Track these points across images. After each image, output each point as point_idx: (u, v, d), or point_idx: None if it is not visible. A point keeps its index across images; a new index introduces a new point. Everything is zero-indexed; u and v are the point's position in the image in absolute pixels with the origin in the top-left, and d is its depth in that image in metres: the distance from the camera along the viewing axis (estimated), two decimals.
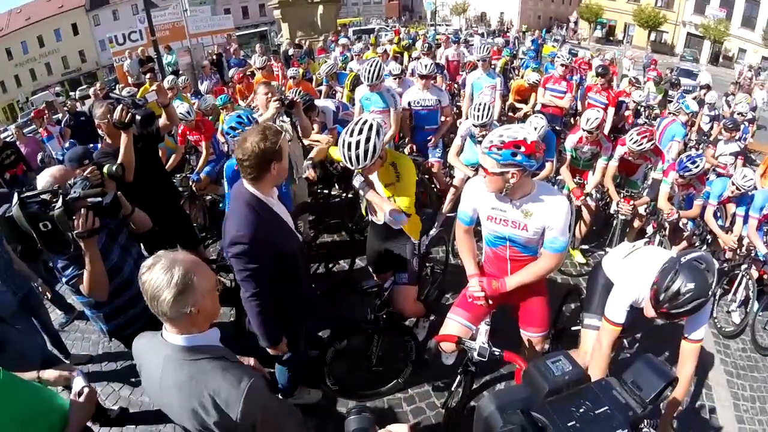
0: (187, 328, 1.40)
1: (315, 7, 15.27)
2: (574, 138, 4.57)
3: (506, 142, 2.04)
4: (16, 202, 1.98)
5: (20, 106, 34.81)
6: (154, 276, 1.31)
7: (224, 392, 1.36)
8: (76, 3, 44.05)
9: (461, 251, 2.63)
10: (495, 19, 49.78)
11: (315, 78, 8.43)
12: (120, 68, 12.39)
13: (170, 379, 1.40)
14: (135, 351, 1.58)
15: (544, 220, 2.22)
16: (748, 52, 36.58)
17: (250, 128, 2.12)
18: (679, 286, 1.92)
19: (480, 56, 6.12)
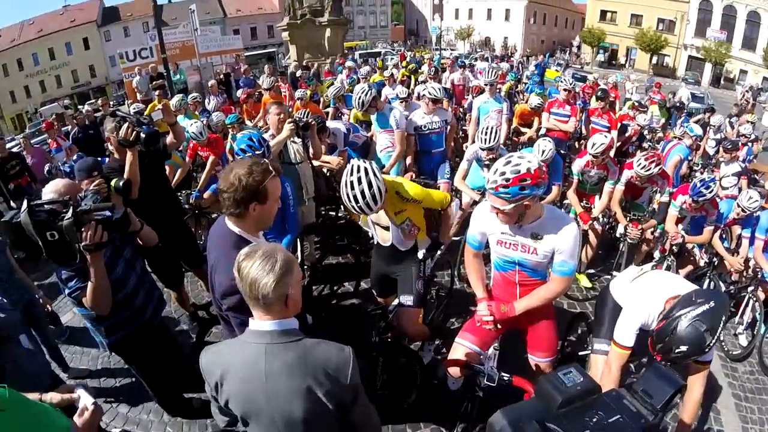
0: (281, 313, 1.47)
1: (323, 29, 15.60)
2: (581, 162, 4.59)
3: (511, 179, 2.05)
4: (25, 209, 1.98)
5: (29, 117, 35.36)
6: (256, 262, 1.40)
7: (334, 358, 1.49)
8: (88, 18, 45.03)
9: (470, 275, 2.63)
10: (499, 43, 50.57)
11: (322, 100, 8.55)
12: (129, 84, 12.64)
13: (277, 365, 1.44)
14: (209, 365, 1.55)
15: (554, 243, 2.23)
16: (749, 73, 36.98)
17: (240, 159, 2.02)
18: (672, 346, 1.91)
19: (487, 81, 6.20)
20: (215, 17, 44.03)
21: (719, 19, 38.65)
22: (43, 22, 44.42)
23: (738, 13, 37.72)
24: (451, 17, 55.41)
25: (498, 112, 5.99)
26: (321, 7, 15.65)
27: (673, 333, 1.89)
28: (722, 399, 3.65)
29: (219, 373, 1.51)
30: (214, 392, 1.54)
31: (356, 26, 53.16)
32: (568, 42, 49.25)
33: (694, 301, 1.92)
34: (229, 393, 1.49)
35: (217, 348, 1.61)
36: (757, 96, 24.61)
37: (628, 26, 43.68)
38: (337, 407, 1.49)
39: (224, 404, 1.53)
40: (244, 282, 1.42)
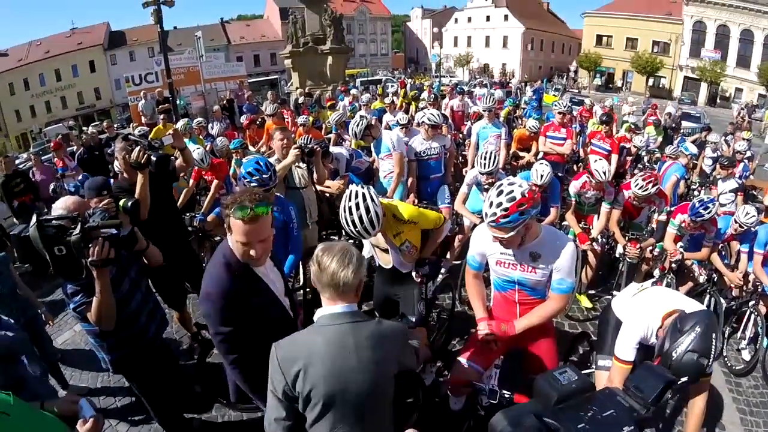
0: (353, 298, 1.69)
1: (324, 57, 15.92)
2: (577, 184, 4.67)
3: (509, 207, 2.11)
4: (34, 223, 2.03)
5: (33, 136, 35.52)
6: (336, 256, 1.63)
7: (399, 330, 1.80)
8: (94, 41, 45.90)
9: (471, 296, 2.67)
10: (497, 70, 51.39)
11: (324, 126, 8.72)
12: (135, 107, 12.88)
13: (363, 338, 1.63)
14: (288, 356, 1.62)
15: (552, 262, 2.29)
16: (744, 90, 37.51)
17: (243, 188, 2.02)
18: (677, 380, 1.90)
19: (485, 107, 6.37)
20: (219, 44, 44.97)
21: (713, 39, 39.51)
22: (51, 43, 45.37)
23: (731, 32, 38.52)
24: (450, 45, 56.66)
25: (497, 137, 6.13)
26: (323, 35, 16.00)
27: (672, 367, 1.90)
28: (727, 414, 3.65)
29: (302, 361, 1.58)
30: (291, 384, 1.59)
31: (357, 54, 54.19)
32: (566, 67, 50.15)
33: (681, 330, 1.95)
34: (315, 378, 1.56)
35: (291, 339, 1.69)
36: (752, 113, 25.02)
37: (623, 50, 44.60)
38: (403, 364, 1.79)
39: (306, 392, 1.58)
40: (324, 272, 1.63)
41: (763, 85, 36.40)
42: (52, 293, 5.13)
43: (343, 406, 1.62)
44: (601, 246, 4.73)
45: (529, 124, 7.16)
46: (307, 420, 1.65)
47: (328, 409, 1.61)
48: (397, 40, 69.52)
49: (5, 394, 1.67)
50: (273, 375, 1.64)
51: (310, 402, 1.60)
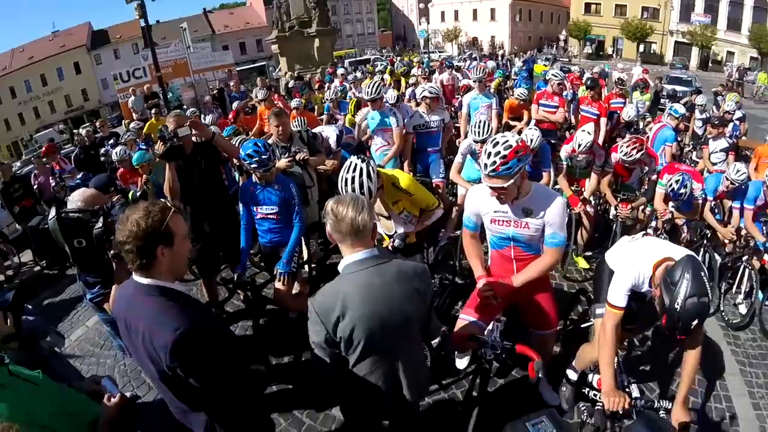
0: (370, 242, 1.82)
1: (311, 40, 15.84)
2: (567, 148, 4.77)
3: (507, 154, 2.20)
4: (53, 216, 2.10)
5: (24, 144, 35.24)
6: (350, 205, 1.75)
7: (420, 267, 1.94)
8: (77, 42, 45.11)
9: (469, 256, 2.78)
10: (486, 42, 50.77)
11: (316, 108, 8.77)
12: (125, 105, 12.87)
13: (387, 278, 1.78)
14: (325, 305, 1.75)
15: (543, 216, 2.41)
16: (736, 54, 37.21)
17: (133, 205, 1.76)
18: (687, 325, 2.01)
19: (476, 77, 6.44)
20: (204, 35, 44.17)
21: (702, 3, 39.06)
22: (34, 48, 44.63)
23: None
24: (437, 20, 55.71)
25: (488, 107, 6.19)
26: (308, 18, 15.91)
27: (681, 318, 1.99)
28: (727, 366, 3.77)
29: (339, 306, 1.72)
30: (332, 332, 1.75)
31: (344, 35, 53.43)
32: (555, 37, 49.54)
33: (673, 282, 2.03)
34: (354, 318, 1.72)
35: (323, 292, 1.81)
36: (743, 75, 24.94)
37: (612, 17, 44.05)
38: (428, 306, 1.94)
39: (347, 335, 1.74)
40: (341, 221, 1.74)
41: (754, 48, 36.16)
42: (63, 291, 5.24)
43: (380, 342, 1.78)
44: (594, 208, 4.85)
45: (518, 92, 7.22)
46: (350, 362, 1.82)
47: (367, 347, 1.77)
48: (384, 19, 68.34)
49: (34, 373, 1.79)
50: (313, 327, 1.78)
51: (352, 343, 1.76)
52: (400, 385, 1.90)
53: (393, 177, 2.93)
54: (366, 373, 1.83)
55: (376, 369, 1.83)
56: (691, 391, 3.18)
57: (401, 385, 1.90)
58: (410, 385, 1.91)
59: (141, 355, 1.65)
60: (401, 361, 1.87)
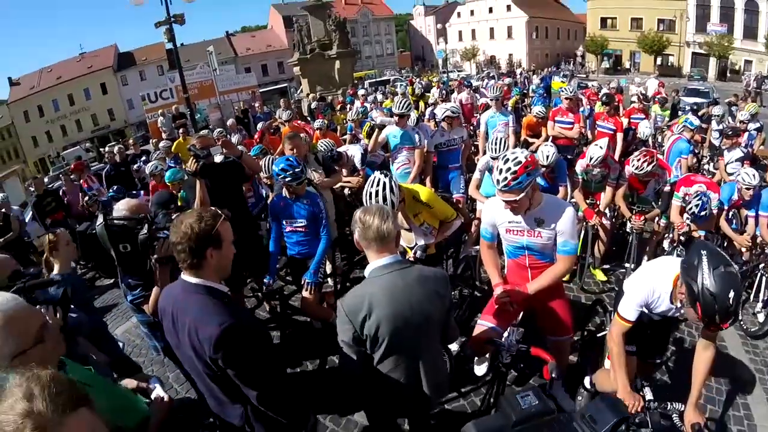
0: (394, 249, 2.01)
1: (332, 62, 16.27)
2: (583, 163, 4.89)
3: (518, 170, 2.37)
4: (101, 223, 2.33)
5: (51, 161, 36.33)
6: (376, 214, 1.95)
7: (440, 272, 2.16)
8: (104, 64, 46.86)
9: (486, 264, 2.95)
10: (504, 60, 51.05)
11: (338, 128, 9.07)
12: (153, 124, 13.48)
13: (410, 280, 1.95)
14: (354, 305, 1.92)
15: (554, 225, 2.57)
16: (753, 62, 36.72)
17: (187, 211, 1.99)
18: (728, 307, 1.90)
19: (493, 96, 6.68)
20: (226, 57, 45.53)
21: (718, 13, 38.76)
22: (61, 69, 46.58)
23: (736, 3, 37.73)
24: (455, 40, 56.54)
25: (505, 124, 6.42)
26: (329, 40, 16.37)
27: (715, 297, 1.89)
28: (745, 375, 3.77)
29: (366, 306, 1.89)
30: (360, 330, 1.91)
31: (364, 56, 54.35)
32: (573, 53, 49.62)
33: (693, 265, 1.98)
34: (379, 317, 1.88)
35: (352, 294, 1.99)
36: (761, 84, 24.62)
37: (629, 30, 44.14)
38: (447, 309, 2.09)
39: (373, 333, 1.90)
40: (368, 228, 1.93)
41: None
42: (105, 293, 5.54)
43: (403, 339, 1.94)
44: (610, 220, 4.95)
45: (536, 110, 7.39)
46: (375, 359, 1.99)
47: (391, 345, 1.93)
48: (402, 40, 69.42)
49: (86, 369, 1.88)
50: (342, 326, 1.95)
51: (377, 341, 1.92)
52: (420, 381, 2.05)
53: (413, 191, 3.17)
54: (390, 369, 1.99)
55: (399, 365, 1.99)
56: (708, 398, 3.27)
57: (422, 382, 2.05)
58: (430, 383, 2.06)
59: (185, 348, 1.80)
60: (422, 359, 2.03)
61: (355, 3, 58.74)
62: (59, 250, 3.01)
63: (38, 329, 1.46)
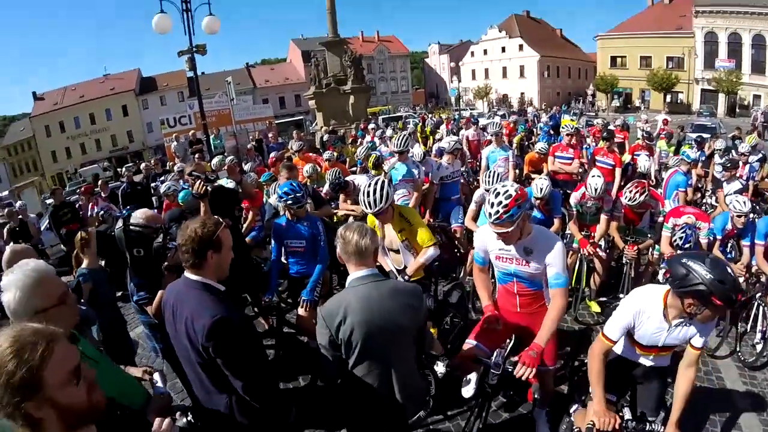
0: (371, 263, 2.21)
1: (347, 97, 16.67)
2: (577, 195, 5.06)
3: (509, 203, 2.46)
4: (121, 226, 2.60)
5: (68, 177, 37.11)
6: (356, 230, 2.18)
7: (414, 288, 2.32)
8: (127, 87, 48.71)
9: (478, 287, 3.07)
10: (516, 99, 51.81)
11: (348, 160, 9.41)
12: (169, 148, 13.96)
13: (384, 292, 2.14)
14: (331, 310, 2.10)
15: (543, 256, 2.66)
16: (762, 96, 36.92)
17: (193, 218, 2.23)
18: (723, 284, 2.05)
19: (493, 132, 6.98)
20: (245, 88, 46.93)
21: (726, 49, 39.50)
22: (85, 88, 48.48)
23: (743, 39, 38.44)
24: (468, 78, 57.95)
25: (505, 159, 6.70)
26: (344, 76, 16.82)
27: (727, 283, 2.04)
28: (743, 406, 3.76)
29: (342, 312, 2.07)
30: (335, 334, 2.08)
31: (379, 92, 55.76)
32: (583, 91, 50.35)
33: (685, 274, 2.12)
34: (353, 323, 2.06)
35: (330, 300, 2.20)
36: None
37: (638, 69, 44.90)
38: (421, 321, 2.26)
39: (346, 337, 2.07)
40: (348, 243, 2.15)
41: None
42: None
43: (375, 346, 2.10)
44: (605, 252, 5.05)
45: (538, 146, 7.61)
46: (349, 364, 2.15)
47: (363, 350, 2.09)
48: (418, 77, 71.27)
49: (96, 349, 2.08)
50: (320, 330, 2.14)
51: (351, 346, 2.09)
52: (393, 389, 2.18)
53: (401, 208, 3.50)
54: (363, 374, 2.14)
55: (372, 371, 2.14)
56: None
57: (394, 390, 2.18)
58: (402, 391, 2.19)
59: (181, 337, 2.00)
60: (394, 367, 2.17)
61: (373, 41, 60.85)
62: (90, 247, 3.33)
63: (61, 294, 1.82)
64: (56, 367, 1.13)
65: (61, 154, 46.95)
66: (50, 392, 1.12)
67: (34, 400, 1.11)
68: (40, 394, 1.11)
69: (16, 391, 1.08)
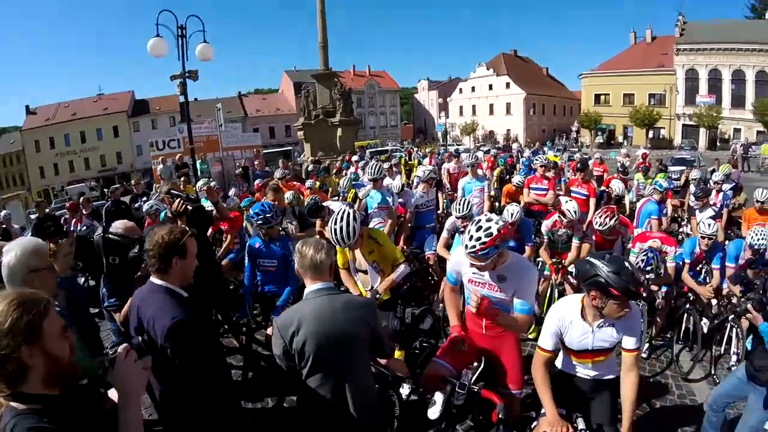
0: (327, 277, 2.27)
1: (335, 129, 17.00)
2: (548, 223, 5.20)
3: (487, 242, 2.46)
4: (100, 234, 2.75)
5: (55, 194, 36.62)
6: (312, 246, 2.26)
7: (367, 301, 2.49)
8: (119, 108, 48.79)
9: (447, 306, 3.14)
10: (502, 135, 52.65)
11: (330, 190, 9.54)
12: (155, 170, 14.01)
13: (337, 305, 2.19)
14: (286, 321, 2.17)
15: (515, 284, 2.71)
16: (742, 130, 38.14)
17: (161, 225, 2.43)
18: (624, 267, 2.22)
19: (468, 163, 7.24)
20: (237, 116, 47.42)
21: (706, 85, 40.99)
22: (78, 106, 48.50)
23: (723, 74, 40.02)
24: (456, 114, 59.02)
25: (480, 190, 6.89)
26: (333, 108, 17.19)
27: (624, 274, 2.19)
28: None
29: (296, 322, 2.13)
30: (289, 344, 2.14)
31: (367, 126, 56.65)
32: (568, 128, 51.57)
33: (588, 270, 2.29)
34: (306, 334, 2.12)
35: (287, 311, 2.30)
36: (748, 149, 25.83)
37: (621, 106, 46.35)
38: (374, 332, 2.29)
39: (299, 347, 2.12)
40: (305, 258, 2.22)
41: (759, 122, 37.22)
42: None
43: (328, 359, 2.15)
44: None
45: (515, 179, 7.85)
46: (303, 374, 2.18)
47: (316, 361, 2.14)
48: (407, 112, 72.60)
49: None
50: (275, 341, 2.20)
51: (303, 356, 2.14)
52: (347, 402, 2.20)
53: (371, 231, 3.61)
54: (317, 386, 2.17)
55: (325, 383, 2.17)
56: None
57: (348, 403, 2.20)
58: (356, 404, 2.21)
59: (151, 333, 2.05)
60: (347, 379, 2.20)
61: (364, 75, 62.22)
62: (58, 258, 3.37)
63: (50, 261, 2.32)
64: (53, 321, 1.34)
65: (49, 170, 46.71)
66: (46, 342, 1.30)
67: (34, 345, 1.28)
68: (39, 341, 1.29)
69: (19, 334, 1.25)
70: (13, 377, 1.27)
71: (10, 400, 1.29)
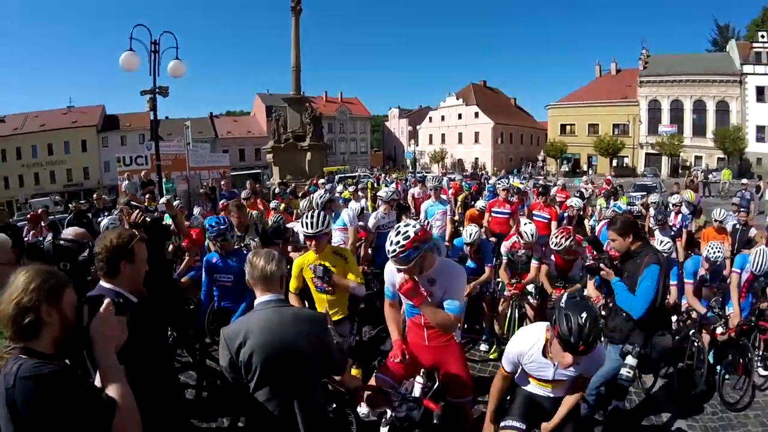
0: (277, 289, 2.25)
1: (304, 153, 16.95)
2: (507, 244, 5.31)
3: (405, 244, 2.52)
4: (50, 240, 2.77)
5: (18, 206, 34.85)
6: (263, 256, 2.25)
7: (318, 314, 2.50)
8: (89, 122, 47.59)
9: (388, 321, 3.13)
10: (470, 163, 53.81)
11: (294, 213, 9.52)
12: (120, 187, 13.77)
13: (285, 317, 2.17)
14: (232, 332, 2.13)
15: (445, 284, 2.75)
16: (703, 157, 40.08)
17: (111, 229, 2.41)
18: (577, 320, 2.23)
19: (431, 186, 7.39)
20: (207, 137, 46.70)
21: (668, 115, 43.22)
22: (47, 117, 46.94)
23: (684, 105, 42.28)
24: (425, 142, 60.13)
25: (443, 213, 7.03)
26: (303, 132, 17.17)
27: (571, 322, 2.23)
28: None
29: (243, 334, 2.09)
30: (235, 356, 2.09)
31: (338, 152, 57.11)
32: (535, 157, 53.28)
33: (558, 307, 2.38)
34: (253, 346, 2.07)
35: (234, 323, 2.30)
36: (707, 175, 27.51)
37: (586, 135, 48.24)
38: (323, 344, 2.25)
39: (246, 359, 2.07)
40: (255, 268, 2.21)
41: (719, 149, 39.20)
42: None
43: (276, 373, 2.09)
44: (536, 299, 5.22)
45: (478, 204, 8.02)
46: (251, 388, 2.12)
47: (263, 375, 2.08)
48: (378, 139, 73.53)
49: None
50: (222, 352, 2.14)
51: (250, 369, 2.08)
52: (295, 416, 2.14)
53: (337, 248, 3.74)
54: (264, 400, 2.11)
55: (273, 398, 2.11)
56: None
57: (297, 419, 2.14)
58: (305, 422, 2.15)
59: None
60: (296, 397, 2.14)
61: (336, 101, 62.90)
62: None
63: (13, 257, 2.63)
64: (71, 293, 1.58)
65: (14, 181, 44.88)
66: (64, 307, 1.53)
67: (52, 306, 1.48)
68: (58, 304, 1.51)
69: (43, 293, 1.46)
70: (29, 329, 1.44)
71: (20, 352, 1.44)
